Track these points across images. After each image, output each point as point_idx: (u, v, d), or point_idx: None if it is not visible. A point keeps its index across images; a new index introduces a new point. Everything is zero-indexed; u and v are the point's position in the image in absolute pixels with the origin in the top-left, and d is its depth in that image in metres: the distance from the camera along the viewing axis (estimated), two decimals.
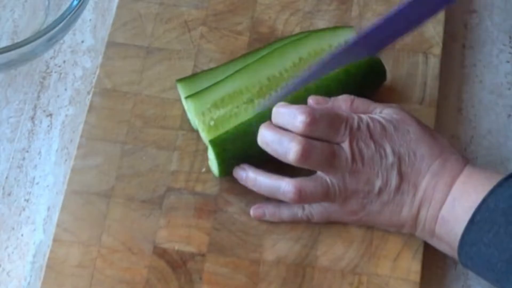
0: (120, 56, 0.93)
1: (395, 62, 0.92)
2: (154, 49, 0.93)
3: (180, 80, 0.88)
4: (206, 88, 0.86)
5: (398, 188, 0.78)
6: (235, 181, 0.86)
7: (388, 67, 0.91)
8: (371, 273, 0.81)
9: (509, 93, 0.94)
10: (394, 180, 0.78)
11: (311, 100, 0.82)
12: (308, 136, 0.78)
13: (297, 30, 0.94)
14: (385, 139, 0.79)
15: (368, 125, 0.79)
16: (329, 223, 0.83)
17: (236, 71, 0.87)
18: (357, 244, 0.83)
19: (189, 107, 0.86)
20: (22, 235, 0.87)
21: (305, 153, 0.77)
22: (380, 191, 0.79)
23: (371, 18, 0.94)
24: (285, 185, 0.80)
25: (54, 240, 0.83)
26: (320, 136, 0.78)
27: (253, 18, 0.95)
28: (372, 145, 0.78)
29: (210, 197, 0.85)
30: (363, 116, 0.80)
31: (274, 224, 0.84)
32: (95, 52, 0.96)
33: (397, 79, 0.91)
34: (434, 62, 0.92)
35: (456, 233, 0.76)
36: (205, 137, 0.85)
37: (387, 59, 0.92)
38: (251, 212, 0.84)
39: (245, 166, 0.83)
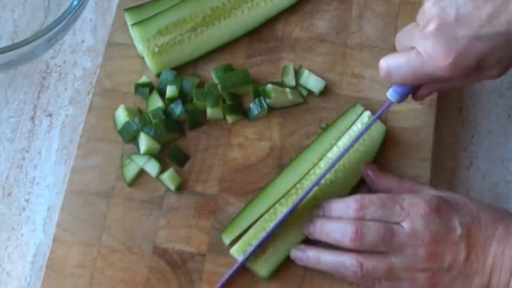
0: (120, 56, 0.93)
1: None
2: None
3: (127, 9, 0.91)
4: (152, 16, 0.90)
5: (467, 259, 0.76)
6: (235, 181, 0.86)
7: None
8: None
9: (509, 93, 0.94)
10: (463, 252, 0.76)
11: (365, 167, 0.84)
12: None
13: (297, 30, 0.94)
14: (451, 211, 0.77)
15: (428, 201, 0.78)
16: None
17: (181, 1, 0.90)
18: None
19: (135, 34, 0.90)
20: (22, 235, 0.87)
21: (359, 233, 0.77)
22: (450, 266, 0.77)
23: (371, 18, 0.94)
24: (348, 260, 0.78)
25: (54, 240, 0.83)
26: (376, 218, 0.78)
27: None
28: (437, 220, 0.77)
29: (210, 197, 0.85)
30: (415, 196, 0.79)
31: None
32: (95, 52, 0.96)
33: None
34: None
35: None
36: (150, 63, 0.89)
37: None
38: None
39: (303, 247, 0.82)
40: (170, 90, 0.88)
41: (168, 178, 0.85)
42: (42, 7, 0.97)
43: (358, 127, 0.86)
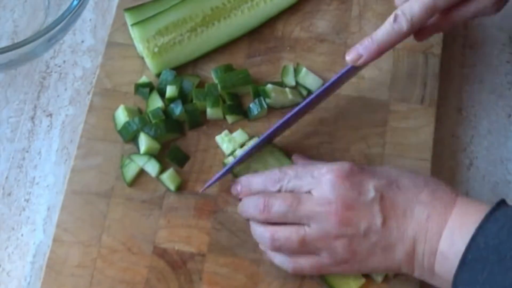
0: (120, 56, 0.93)
1: (395, 62, 0.92)
2: None
3: (127, 9, 0.91)
4: (152, 16, 0.90)
5: (384, 224, 0.75)
6: (235, 181, 0.86)
7: (388, 67, 0.91)
8: None
9: (509, 93, 0.94)
10: (378, 216, 0.75)
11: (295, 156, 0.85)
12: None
13: (297, 30, 0.94)
14: (364, 176, 0.76)
15: (339, 167, 0.77)
16: None
17: (181, 1, 0.91)
18: None
19: (134, 34, 0.90)
20: (22, 235, 0.87)
21: (266, 205, 0.78)
22: (366, 231, 0.75)
23: (371, 18, 0.94)
24: (263, 231, 0.79)
25: (54, 240, 0.83)
26: (289, 189, 0.78)
27: None
28: (347, 184, 0.76)
29: (210, 197, 0.85)
30: (329, 164, 0.78)
31: None
32: (95, 52, 0.96)
33: (397, 79, 0.91)
34: (434, 62, 0.92)
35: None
36: (150, 63, 0.89)
37: (387, 59, 0.92)
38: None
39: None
40: (170, 90, 0.88)
41: (168, 178, 0.85)
42: (42, 7, 0.97)
43: None
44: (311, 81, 0.91)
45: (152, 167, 0.86)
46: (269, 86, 0.89)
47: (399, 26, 0.79)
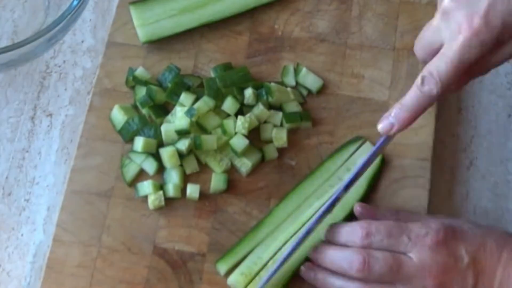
0: (120, 56, 0.93)
1: (395, 62, 0.92)
2: (154, 49, 0.93)
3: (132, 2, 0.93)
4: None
5: (475, 286, 0.76)
6: (235, 181, 0.86)
7: (388, 67, 0.91)
8: None
9: (509, 93, 0.94)
10: (471, 280, 0.76)
11: (357, 206, 0.82)
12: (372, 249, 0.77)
13: (297, 30, 0.94)
14: (457, 240, 0.77)
15: (436, 232, 0.77)
16: None
17: None
18: None
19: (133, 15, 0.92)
20: (22, 235, 0.87)
21: (367, 263, 0.76)
22: None
23: (371, 18, 0.94)
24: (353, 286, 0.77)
25: (54, 240, 0.83)
26: (382, 247, 0.77)
27: (253, 18, 0.95)
28: (444, 250, 0.76)
29: (210, 197, 0.85)
30: (422, 225, 0.78)
31: None
32: (95, 52, 0.96)
33: (397, 79, 0.91)
34: None
35: None
36: (139, 31, 0.91)
37: (387, 59, 0.92)
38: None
39: (312, 266, 0.80)
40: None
41: (173, 188, 0.85)
42: (42, 7, 0.97)
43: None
44: (311, 81, 0.91)
45: (150, 165, 0.85)
46: (273, 84, 0.89)
47: (427, 90, 0.75)
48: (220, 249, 0.83)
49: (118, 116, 0.88)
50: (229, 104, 0.87)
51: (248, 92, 0.87)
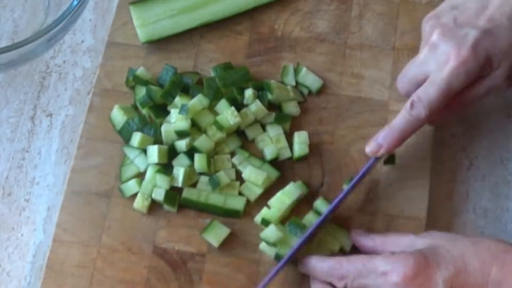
0: (120, 56, 0.93)
1: (395, 62, 0.92)
2: (154, 49, 0.93)
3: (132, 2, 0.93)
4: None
5: None
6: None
7: (388, 67, 0.91)
8: None
9: (509, 93, 0.93)
10: None
11: (355, 235, 0.82)
12: None
13: (297, 30, 0.94)
14: (431, 269, 0.73)
15: (401, 267, 0.74)
16: None
17: None
18: None
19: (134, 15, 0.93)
20: (22, 235, 0.87)
21: None
22: None
23: (371, 18, 0.94)
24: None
25: (54, 240, 0.83)
26: (357, 286, 0.76)
27: (253, 18, 0.95)
28: (417, 283, 0.73)
29: None
30: (388, 261, 0.75)
31: None
32: (95, 52, 0.96)
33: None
34: None
35: None
36: (139, 31, 0.92)
37: (387, 59, 0.92)
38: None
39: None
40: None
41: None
42: (42, 7, 0.97)
43: None
44: (311, 81, 0.91)
45: (141, 161, 0.85)
46: (273, 81, 0.89)
47: (416, 113, 0.80)
48: (220, 249, 0.83)
49: (118, 116, 0.88)
50: (223, 106, 0.87)
51: (248, 92, 0.88)
